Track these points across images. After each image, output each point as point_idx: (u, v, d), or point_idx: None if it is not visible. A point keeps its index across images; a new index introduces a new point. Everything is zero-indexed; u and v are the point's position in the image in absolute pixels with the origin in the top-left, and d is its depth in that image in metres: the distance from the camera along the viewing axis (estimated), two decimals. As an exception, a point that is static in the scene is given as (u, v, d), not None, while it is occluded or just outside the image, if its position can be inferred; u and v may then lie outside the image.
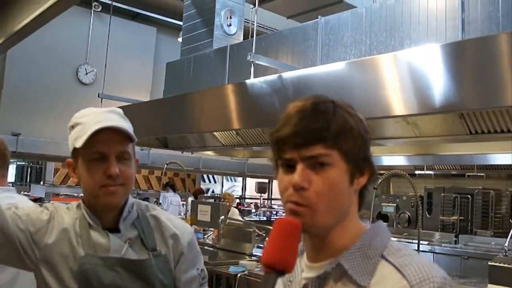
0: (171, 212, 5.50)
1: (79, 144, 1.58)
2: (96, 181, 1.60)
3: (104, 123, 1.61)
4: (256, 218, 12.10)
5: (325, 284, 1.14)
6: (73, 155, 1.67)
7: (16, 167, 12.54)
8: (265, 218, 12.40)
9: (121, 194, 1.65)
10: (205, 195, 15.38)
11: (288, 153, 1.11)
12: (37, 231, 1.65)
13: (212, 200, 10.20)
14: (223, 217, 5.70)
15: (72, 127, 1.68)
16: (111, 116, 1.68)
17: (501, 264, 5.95)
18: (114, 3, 7.88)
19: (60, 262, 1.63)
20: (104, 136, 1.59)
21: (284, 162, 1.13)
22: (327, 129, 1.08)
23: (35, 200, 9.88)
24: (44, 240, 1.64)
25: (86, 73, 10.41)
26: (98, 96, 7.07)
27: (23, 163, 12.51)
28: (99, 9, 10.35)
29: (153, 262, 1.66)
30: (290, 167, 1.11)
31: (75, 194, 11.59)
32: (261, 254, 4.52)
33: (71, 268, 1.61)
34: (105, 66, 7.38)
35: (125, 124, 1.68)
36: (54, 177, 11.65)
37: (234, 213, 8.31)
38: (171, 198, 10.32)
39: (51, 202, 1.82)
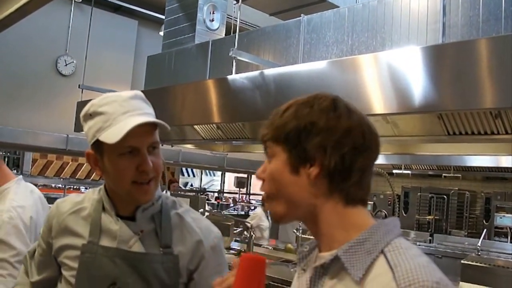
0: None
1: (111, 140, 1.45)
2: (128, 176, 1.50)
3: (135, 114, 1.51)
4: (235, 213, 12.12)
5: (328, 273, 1.15)
6: (96, 147, 1.54)
7: (-7, 157, 12.40)
8: (243, 213, 12.44)
9: (153, 189, 1.57)
10: (184, 188, 15.38)
11: None
12: (50, 244, 1.68)
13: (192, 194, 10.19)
14: (201, 210, 5.72)
15: (91, 115, 1.54)
16: (136, 104, 1.55)
17: (473, 263, 6.05)
18: (96, -6, 7.82)
19: (67, 257, 1.62)
20: (136, 128, 1.46)
21: None
22: (270, 127, 1.21)
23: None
24: (54, 245, 1.66)
25: (66, 64, 10.28)
26: (79, 87, 7.03)
27: (0, 152, 12.36)
28: (80, 0, 10.25)
29: (160, 259, 1.57)
30: None
31: (53, 185, 11.51)
32: (238, 248, 4.57)
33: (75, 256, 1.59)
34: (86, 58, 7.33)
35: (151, 111, 1.59)
36: (32, 167, 11.54)
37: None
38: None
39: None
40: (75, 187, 12.13)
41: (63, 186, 11.05)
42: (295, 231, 6.19)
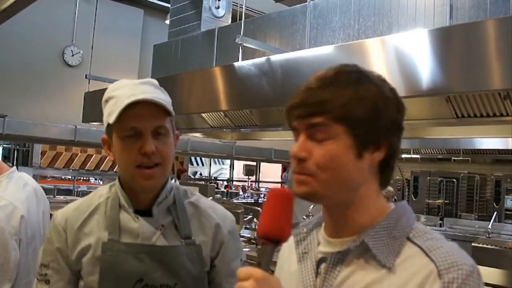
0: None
1: (111, 119, 1.47)
2: (131, 160, 1.49)
3: (137, 95, 1.48)
4: (244, 201, 12.14)
5: (345, 260, 1.11)
6: (108, 131, 1.56)
7: (3, 149, 12.47)
8: (252, 201, 12.45)
9: (158, 176, 1.53)
10: (193, 177, 15.41)
11: (293, 122, 1.12)
12: (67, 256, 1.58)
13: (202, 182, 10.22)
14: (211, 198, 5.73)
15: (106, 101, 1.56)
16: (145, 88, 1.54)
17: (484, 245, 6.06)
18: (101, -16, 7.82)
19: (86, 260, 1.55)
20: (138, 110, 1.47)
21: (293, 132, 1.13)
22: (330, 101, 1.06)
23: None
24: (71, 255, 1.57)
25: (72, 55, 10.29)
26: (86, 77, 7.03)
27: (9, 145, 12.42)
28: (86, -10, 10.24)
29: (184, 250, 1.56)
30: (298, 137, 1.12)
31: (62, 177, 11.56)
32: (249, 235, 4.56)
33: (94, 256, 1.54)
34: (92, 48, 7.33)
35: (161, 96, 1.56)
36: (41, 159, 11.58)
37: None
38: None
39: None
40: (84, 178, 12.19)
41: (72, 177, 11.12)
42: (305, 217, 6.20)
